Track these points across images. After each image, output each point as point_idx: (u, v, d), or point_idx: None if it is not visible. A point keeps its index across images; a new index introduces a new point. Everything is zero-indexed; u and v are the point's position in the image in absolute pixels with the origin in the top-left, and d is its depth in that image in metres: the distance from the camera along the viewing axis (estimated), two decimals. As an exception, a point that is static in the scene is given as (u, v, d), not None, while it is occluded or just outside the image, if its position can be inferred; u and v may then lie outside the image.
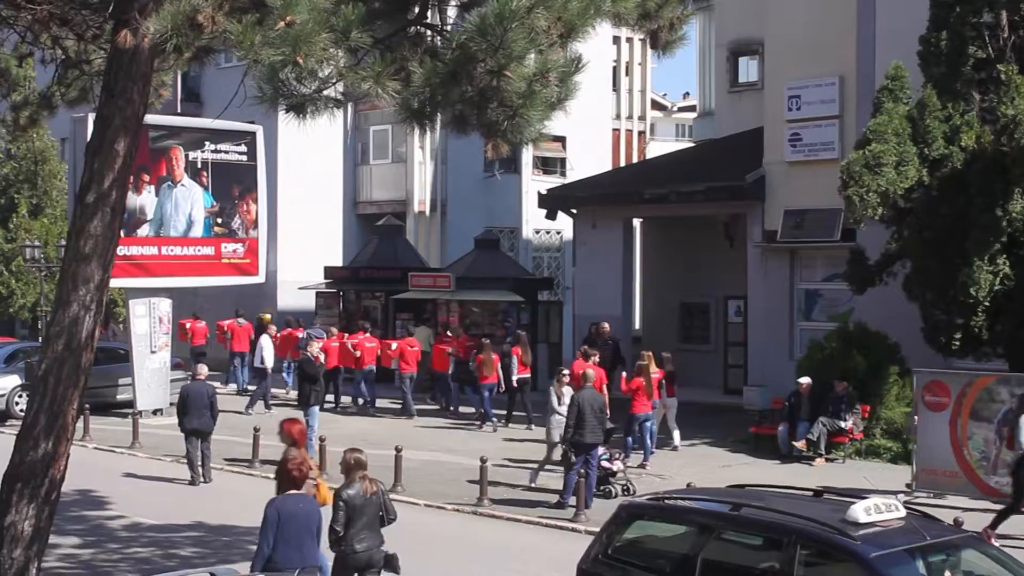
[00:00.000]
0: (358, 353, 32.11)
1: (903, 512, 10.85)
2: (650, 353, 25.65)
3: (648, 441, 24.28)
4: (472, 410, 30.56)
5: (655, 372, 24.99)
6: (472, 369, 30.55)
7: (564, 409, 20.77)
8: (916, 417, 21.54)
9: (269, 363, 32.45)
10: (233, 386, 35.55)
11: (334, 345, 32.42)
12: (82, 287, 11.89)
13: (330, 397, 31.82)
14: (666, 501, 12.10)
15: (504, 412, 30.21)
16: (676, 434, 26.16)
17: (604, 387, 23.47)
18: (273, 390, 32.37)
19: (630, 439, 23.99)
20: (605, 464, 20.92)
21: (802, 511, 10.87)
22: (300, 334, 33.54)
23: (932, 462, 21.19)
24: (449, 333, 33.11)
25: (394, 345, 32.36)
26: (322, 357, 25.31)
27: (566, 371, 22.26)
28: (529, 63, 9.65)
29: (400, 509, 20.38)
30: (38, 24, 13.79)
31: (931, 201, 23.24)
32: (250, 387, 34.16)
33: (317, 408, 24.20)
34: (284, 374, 34.43)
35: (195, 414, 22.69)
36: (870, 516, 10.52)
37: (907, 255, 24.06)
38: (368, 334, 32.92)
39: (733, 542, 11.37)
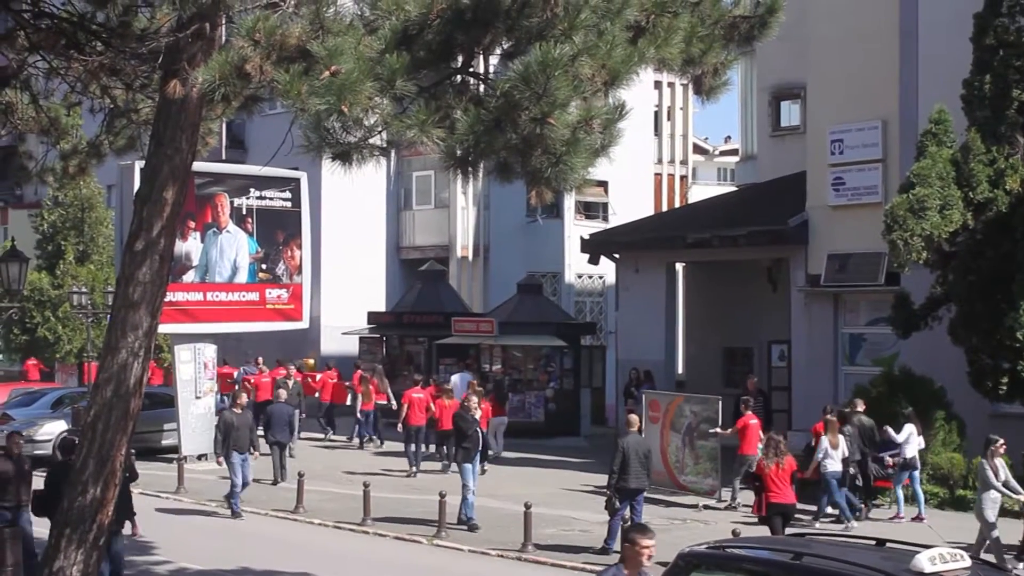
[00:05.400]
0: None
1: (969, 562, 10.64)
2: (474, 382, 30.70)
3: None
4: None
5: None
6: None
7: (1000, 484, 19.35)
8: (643, 428, 24.31)
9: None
10: None
11: (265, 380, 34.69)
12: (131, 333, 12.01)
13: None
14: (726, 550, 11.96)
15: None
16: (500, 445, 31.22)
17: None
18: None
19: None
20: None
21: (865, 560, 10.65)
22: (236, 372, 36.66)
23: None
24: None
25: (318, 376, 35.73)
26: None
27: (1000, 440, 20.14)
28: (572, 110, 9.69)
29: (444, 555, 20.61)
30: (88, 74, 14.01)
31: (976, 245, 23.16)
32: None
33: (469, 466, 22.86)
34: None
35: (278, 429, 26.95)
36: (935, 566, 10.29)
37: (952, 299, 23.95)
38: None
39: None
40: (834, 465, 22.52)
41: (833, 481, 22.50)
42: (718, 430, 24.43)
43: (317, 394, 35.49)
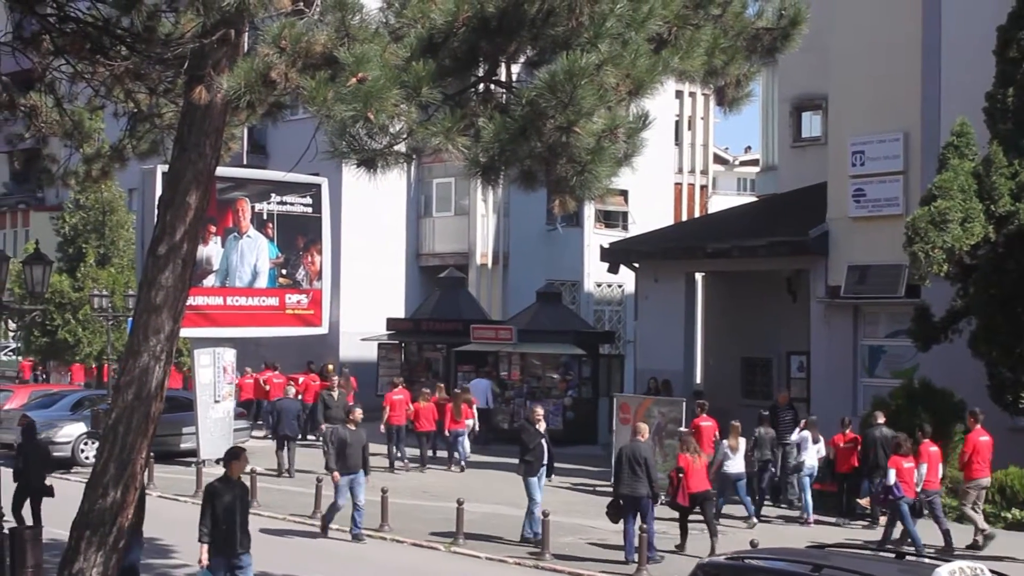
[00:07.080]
0: (267, 387, 36.56)
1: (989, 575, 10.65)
2: (441, 385, 34.09)
3: (463, 450, 31.57)
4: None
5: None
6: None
7: None
8: (614, 429, 26.84)
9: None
10: None
11: (248, 382, 37.76)
12: (152, 337, 12.06)
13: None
14: (745, 561, 11.94)
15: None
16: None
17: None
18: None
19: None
20: None
21: (885, 572, 10.66)
22: None
23: None
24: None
25: (301, 379, 36.26)
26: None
27: None
28: (597, 119, 9.70)
29: (462, 562, 20.61)
30: (112, 78, 14.06)
31: (997, 258, 23.09)
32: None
33: (533, 480, 21.86)
34: None
35: (286, 423, 29.54)
36: None
37: (973, 312, 23.87)
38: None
39: None
40: (736, 466, 23.88)
41: (737, 482, 23.98)
42: (682, 429, 25.42)
43: (300, 395, 34.99)
